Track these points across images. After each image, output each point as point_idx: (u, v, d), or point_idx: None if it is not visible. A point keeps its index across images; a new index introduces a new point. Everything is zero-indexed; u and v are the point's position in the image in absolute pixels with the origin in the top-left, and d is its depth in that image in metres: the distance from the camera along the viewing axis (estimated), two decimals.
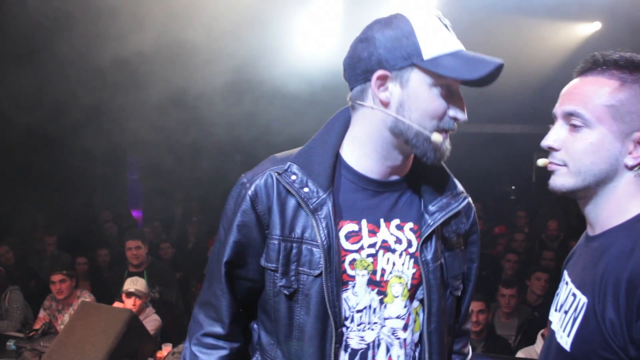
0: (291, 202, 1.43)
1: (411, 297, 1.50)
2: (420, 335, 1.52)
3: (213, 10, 5.45)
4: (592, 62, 1.28)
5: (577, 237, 1.50)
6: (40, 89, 6.36)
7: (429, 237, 1.47)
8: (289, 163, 1.45)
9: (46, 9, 5.09)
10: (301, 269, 1.42)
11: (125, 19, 5.18)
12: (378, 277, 1.46)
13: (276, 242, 1.43)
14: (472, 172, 5.57)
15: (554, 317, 1.40)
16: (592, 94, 1.25)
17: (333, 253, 1.40)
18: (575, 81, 1.31)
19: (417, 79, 1.35)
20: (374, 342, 1.47)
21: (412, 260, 1.48)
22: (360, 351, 1.46)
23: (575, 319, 1.25)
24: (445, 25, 1.38)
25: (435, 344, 1.50)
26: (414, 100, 1.36)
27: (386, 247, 1.46)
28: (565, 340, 1.27)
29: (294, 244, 1.42)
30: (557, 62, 7.23)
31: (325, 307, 1.41)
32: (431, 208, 1.49)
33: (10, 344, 5.19)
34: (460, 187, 1.57)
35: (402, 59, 1.34)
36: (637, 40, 5.86)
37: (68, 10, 5.18)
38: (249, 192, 1.44)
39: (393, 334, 1.48)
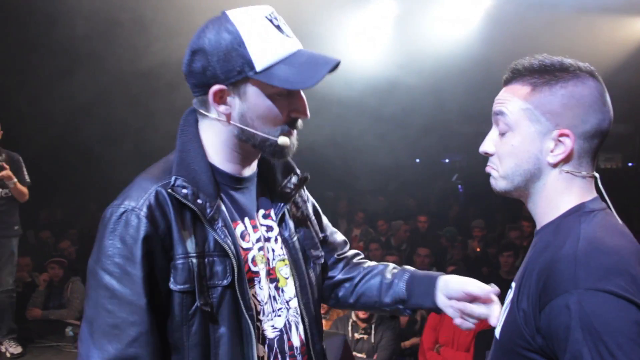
0: (187, 216, 1.38)
1: None
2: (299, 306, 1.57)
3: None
4: (511, 71, 1.35)
5: None
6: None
7: (282, 218, 1.57)
8: (174, 177, 1.37)
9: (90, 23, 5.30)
10: (210, 282, 1.38)
11: (164, 27, 5.31)
12: (270, 267, 1.52)
13: (184, 260, 1.35)
14: None
15: None
16: (510, 99, 1.32)
17: (240, 257, 1.41)
18: (501, 91, 1.37)
19: (253, 91, 1.38)
20: (285, 326, 1.52)
21: (282, 241, 1.56)
22: (276, 338, 1.50)
23: (505, 309, 1.32)
24: (277, 26, 1.38)
25: (309, 315, 1.57)
26: (254, 110, 1.39)
27: (265, 238, 1.53)
28: (498, 330, 1.35)
29: (202, 259, 1.37)
30: (620, 58, 6.94)
31: (242, 312, 1.40)
32: (280, 191, 1.58)
33: (69, 331, 5.46)
34: (296, 167, 1.65)
35: (236, 72, 1.35)
36: None
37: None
38: (143, 215, 1.32)
39: (296, 312, 1.56)
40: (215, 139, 1.46)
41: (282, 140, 1.41)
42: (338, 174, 10.02)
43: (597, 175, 1.32)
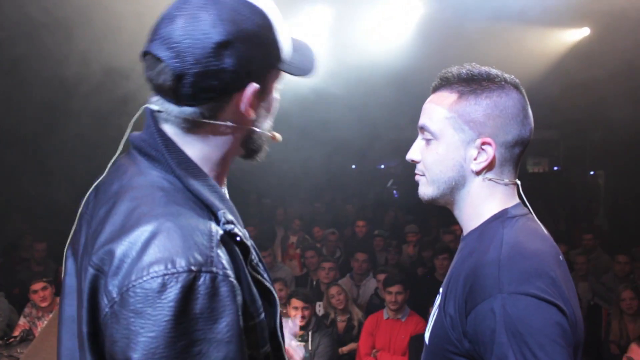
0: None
1: None
2: None
3: None
4: (440, 79, 1.38)
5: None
6: None
7: None
8: (221, 211, 1.07)
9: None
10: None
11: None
12: None
13: (259, 320, 1.09)
14: None
15: None
16: (435, 107, 1.34)
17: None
18: (429, 98, 1.40)
19: (273, 84, 1.19)
20: None
21: None
22: None
23: (434, 315, 1.34)
24: None
25: None
26: (269, 107, 1.21)
27: None
28: (427, 334, 1.37)
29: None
30: (545, 68, 7.23)
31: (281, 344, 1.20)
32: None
33: None
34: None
35: (269, 65, 1.15)
36: (626, 45, 5.87)
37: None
38: (232, 277, 0.99)
39: None
40: (217, 152, 1.17)
41: (276, 135, 1.26)
42: (273, 181, 9.98)
43: (518, 182, 1.36)
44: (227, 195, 1.22)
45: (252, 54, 1.09)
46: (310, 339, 4.61)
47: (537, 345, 1.08)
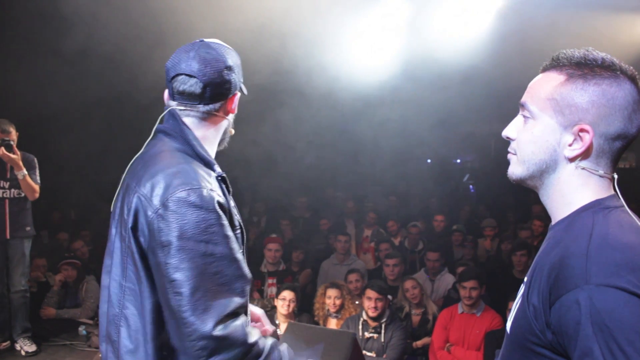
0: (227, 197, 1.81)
1: None
2: None
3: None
4: (552, 59, 1.33)
5: None
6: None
7: None
8: (216, 165, 1.82)
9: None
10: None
11: (175, 22, 5.35)
12: None
13: (238, 233, 1.79)
14: None
15: None
16: (540, 87, 1.32)
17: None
18: (537, 77, 1.36)
19: (237, 95, 1.93)
20: None
21: None
22: None
23: (517, 304, 1.31)
24: None
25: None
26: (235, 109, 1.94)
27: None
28: (509, 324, 1.34)
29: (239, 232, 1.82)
30: (636, 57, 6.86)
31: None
32: None
33: (82, 329, 5.52)
34: None
35: (240, 82, 1.91)
36: None
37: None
38: (220, 193, 1.72)
39: None
40: (214, 133, 1.89)
41: (232, 130, 1.99)
42: (347, 174, 10.04)
43: (615, 176, 1.30)
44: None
45: (238, 75, 1.88)
46: (383, 331, 4.64)
47: (626, 341, 1.04)
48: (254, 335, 1.65)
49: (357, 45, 6.86)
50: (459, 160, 14.44)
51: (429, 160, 12.91)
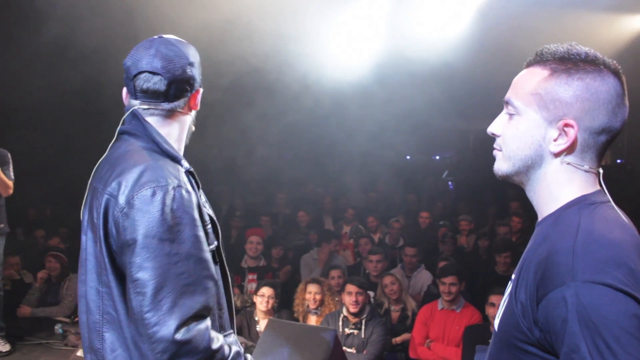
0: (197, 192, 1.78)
1: None
2: None
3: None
4: (535, 54, 1.33)
5: None
6: None
7: None
8: (184, 160, 1.79)
9: None
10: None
11: (156, 22, 5.29)
12: None
13: (209, 226, 1.77)
14: None
15: None
16: (524, 83, 1.31)
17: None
18: (521, 72, 1.36)
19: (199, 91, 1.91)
20: None
21: None
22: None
23: (504, 302, 1.31)
24: None
25: None
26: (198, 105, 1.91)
27: None
28: (496, 322, 1.33)
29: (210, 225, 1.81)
30: (612, 57, 6.94)
31: (225, 265, 1.87)
32: None
33: (58, 328, 5.44)
34: None
35: (201, 79, 1.88)
36: None
37: None
38: (190, 189, 1.70)
39: None
40: (178, 130, 1.86)
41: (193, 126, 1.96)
42: (326, 170, 10.04)
43: (601, 171, 1.30)
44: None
45: (198, 71, 1.85)
46: (363, 327, 4.65)
47: (612, 337, 1.04)
48: (218, 341, 1.62)
49: (333, 42, 6.85)
50: (437, 157, 14.54)
51: (408, 157, 12.98)
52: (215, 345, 1.59)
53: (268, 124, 7.93)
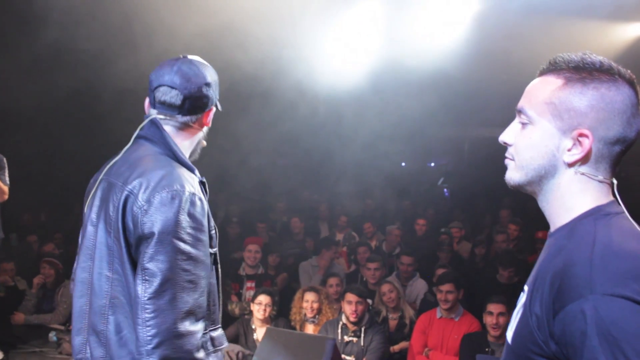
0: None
1: None
2: None
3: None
4: (549, 63, 1.32)
5: None
6: None
7: None
8: (196, 171, 2.00)
9: None
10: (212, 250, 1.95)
11: (154, 27, 5.28)
12: None
13: (213, 232, 1.97)
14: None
15: None
16: (537, 92, 1.30)
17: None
18: (534, 81, 1.35)
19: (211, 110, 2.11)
20: None
21: None
22: None
23: (518, 313, 1.29)
24: None
25: None
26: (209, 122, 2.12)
27: None
28: (509, 334, 1.31)
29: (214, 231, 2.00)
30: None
31: (219, 270, 2.02)
32: None
33: (52, 336, 5.38)
34: None
35: (216, 98, 2.07)
36: None
37: None
38: (202, 197, 1.89)
39: None
40: (190, 142, 2.05)
41: (204, 142, 2.16)
42: (321, 178, 10.03)
43: (615, 181, 1.29)
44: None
45: (215, 91, 2.05)
46: (362, 335, 4.63)
47: (633, 351, 1.02)
48: (201, 353, 1.77)
49: (328, 50, 6.84)
50: (432, 164, 14.56)
51: (403, 164, 12.99)
52: (198, 355, 1.75)
53: (262, 131, 7.92)
